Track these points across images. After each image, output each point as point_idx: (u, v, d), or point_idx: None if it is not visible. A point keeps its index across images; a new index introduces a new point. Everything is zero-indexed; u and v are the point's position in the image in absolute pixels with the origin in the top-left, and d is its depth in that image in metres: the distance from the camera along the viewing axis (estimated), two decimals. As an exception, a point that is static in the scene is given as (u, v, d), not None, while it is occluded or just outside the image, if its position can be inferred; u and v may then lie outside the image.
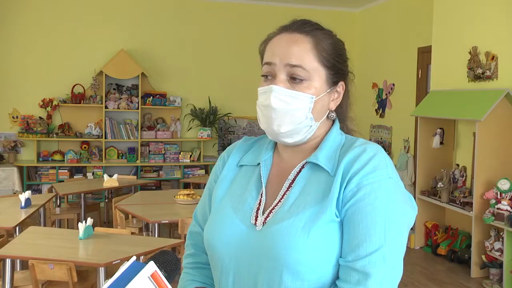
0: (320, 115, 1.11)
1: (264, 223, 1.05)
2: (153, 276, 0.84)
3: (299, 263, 0.97)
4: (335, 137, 1.12)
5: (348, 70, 1.16)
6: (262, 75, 1.10)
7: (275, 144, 1.19)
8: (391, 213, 0.99)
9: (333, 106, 1.14)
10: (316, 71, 1.08)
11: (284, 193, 1.08)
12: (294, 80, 1.07)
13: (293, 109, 1.06)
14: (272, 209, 1.07)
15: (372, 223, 0.97)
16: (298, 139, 1.10)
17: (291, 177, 1.10)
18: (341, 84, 1.14)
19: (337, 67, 1.11)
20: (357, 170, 1.01)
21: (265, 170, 1.15)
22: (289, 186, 1.09)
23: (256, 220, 1.07)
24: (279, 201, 1.08)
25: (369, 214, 0.98)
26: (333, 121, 1.17)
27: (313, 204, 1.02)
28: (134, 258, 0.88)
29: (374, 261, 0.96)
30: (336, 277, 1.00)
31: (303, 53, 1.06)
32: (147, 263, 0.86)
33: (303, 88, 1.07)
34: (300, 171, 1.10)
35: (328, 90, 1.11)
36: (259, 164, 1.16)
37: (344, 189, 1.01)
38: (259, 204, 1.10)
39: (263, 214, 1.07)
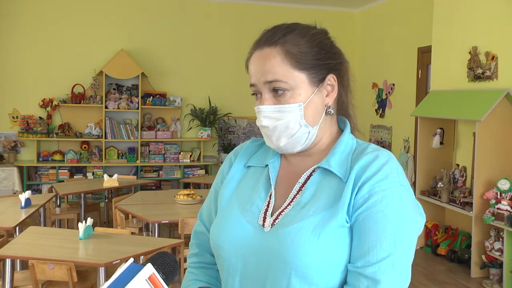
0: (317, 118, 1.08)
1: (272, 224, 1.05)
2: (150, 279, 0.83)
3: (308, 266, 0.97)
4: (347, 141, 1.10)
5: (337, 61, 1.11)
6: (252, 94, 1.12)
7: None
8: (402, 221, 0.98)
9: (329, 101, 1.10)
10: (295, 79, 1.05)
11: (294, 196, 1.07)
12: (277, 93, 1.06)
13: (284, 123, 1.06)
14: (282, 211, 1.06)
15: (382, 230, 0.97)
16: (301, 148, 1.09)
17: (301, 180, 1.09)
18: (330, 77, 1.09)
19: (319, 64, 1.07)
20: (369, 176, 1.00)
21: (274, 172, 1.14)
22: (299, 190, 1.08)
23: (264, 221, 1.06)
24: (289, 203, 1.06)
25: (380, 221, 0.97)
26: (337, 119, 1.15)
27: (324, 209, 1.01)
28: (131, 260, 0.87)
29: (383, 268, 0.95)
30: (344, 282, 0.99)
31: (274, 66, 1.05)
32: (144, 265, 0.85)
33: (289, 99, 1.05)
34: (310, 175, 1.09)
35: (316, 91, 1.07)
36: (267, 165, 1.15)
37: (356, 195, 1.00)
38: (268, 205, 1.09)
39: (271, 216, 1.06)
